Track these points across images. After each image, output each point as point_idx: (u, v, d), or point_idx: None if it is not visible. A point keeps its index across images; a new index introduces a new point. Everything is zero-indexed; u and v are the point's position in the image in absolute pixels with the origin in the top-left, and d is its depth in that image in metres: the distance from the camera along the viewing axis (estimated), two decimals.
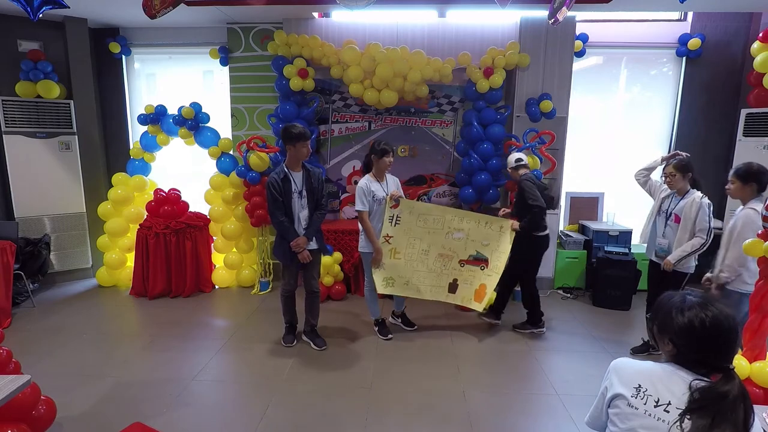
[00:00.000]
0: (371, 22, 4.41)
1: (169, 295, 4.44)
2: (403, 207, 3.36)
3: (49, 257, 4.52)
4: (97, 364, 3.10)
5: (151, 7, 2.64)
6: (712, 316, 1.10)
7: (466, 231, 3.45)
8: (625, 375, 1.18)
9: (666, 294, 1.24)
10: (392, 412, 2.58)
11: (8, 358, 2.17)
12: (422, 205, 3.52)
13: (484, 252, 3.46)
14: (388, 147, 3.30)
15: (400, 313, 3.75)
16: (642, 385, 1.13)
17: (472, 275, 3.49)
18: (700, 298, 1.15)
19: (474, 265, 3.48)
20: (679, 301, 1.17)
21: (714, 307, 1.12)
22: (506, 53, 4.21)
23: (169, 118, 4.47)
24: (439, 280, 3.51)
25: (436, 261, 3.48)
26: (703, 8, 4.40)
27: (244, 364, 3.15)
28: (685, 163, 3.02)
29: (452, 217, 3.44)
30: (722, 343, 1.10)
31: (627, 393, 1.15)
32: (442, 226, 3.44)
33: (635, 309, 4.22)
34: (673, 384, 1.11)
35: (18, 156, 4.41)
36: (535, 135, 4.11)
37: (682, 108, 4.73)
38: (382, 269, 3.39)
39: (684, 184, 3.03)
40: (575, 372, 3.08)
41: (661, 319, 1.19)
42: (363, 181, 3.31)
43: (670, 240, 3.07)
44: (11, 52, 4.41)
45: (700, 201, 2.92)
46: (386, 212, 3.33)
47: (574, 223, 4.94)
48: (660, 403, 1.09)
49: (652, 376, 1.14)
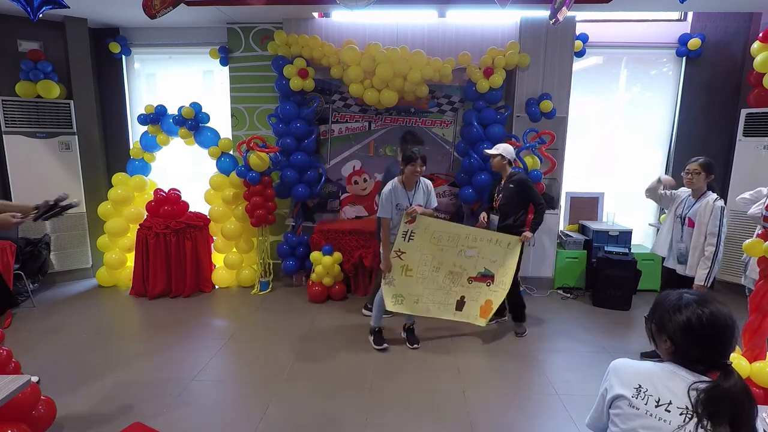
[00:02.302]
0: (371, 22, 4.41)
1: (169, 295, 4.44)
2: (418, 223, 3.24)
3: (49, 257, 4.52)
4: (97, 364, 3.10)
5: (151, 7, 2.64)
6: (710, 313, 1.10)
7: (479, 249, 3.37)
8: (625, 376, 1.19)
9: (663, 293, 1.24)
10: (392, 412, 2.58)
11: (8, 358, 2.17)
12: (438, 223, 3.36)
13: (491, 268, 3.39)
14: (417, 154, 3.03)
15: (408, 328, 3.51)
16: (642, 385, 1.14)
17: (478, 291, 3.42)
18: (697, 296, 1.15)
19: (480, 281, 3.41)
20: (676, 299, 1.17)
21: (711, 304, 1.12)
22: (506, 53, 4.21)
23: (169, 118, 4.47)
24: (447, 298, 3.42)
25: (446, 278, 3.40)
26: (703, 8, 4.40)
27: (244, 364, 3.15)
28: (710, 163, 2.90)
29: (467, 235, 3.35)
30: (720, 340, 1.11)
31: (628, 393, 1.15)
32: (455, 244, 3.35)
33: (635, 309, 4.22)
34: (673, 384, 1.11)
35: (18, 156, 4.41)
36: (535, 135, 4.10)
37: (682, 108, 4.73)
38: (392, 285, 3.29)
39: (702, 185, 2.92)
40: (575, 372, 3.08)
41: (659, 317, 1.20)
42: (388, 186, 3.16)
43: (687, 244, 2.97)
44: (11, 52, 4.41)
45: (713, 204, 2.82)
46: (401, 227, 3.20)
47: (574, 223, 4.94)
48: (661, 403, 1.09)
49: (652, 376, 1.14)
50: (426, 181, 3.31)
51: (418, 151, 3.07)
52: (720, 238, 2.79)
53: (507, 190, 3.46)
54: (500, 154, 3.47)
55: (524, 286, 4.58)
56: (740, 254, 3.00)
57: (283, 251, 4.59)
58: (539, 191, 4.19)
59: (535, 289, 4.65)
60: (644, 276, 4.31)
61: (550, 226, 4.63)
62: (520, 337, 3.59)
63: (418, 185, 3.23)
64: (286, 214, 4.80)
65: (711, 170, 2.90)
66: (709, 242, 2.82)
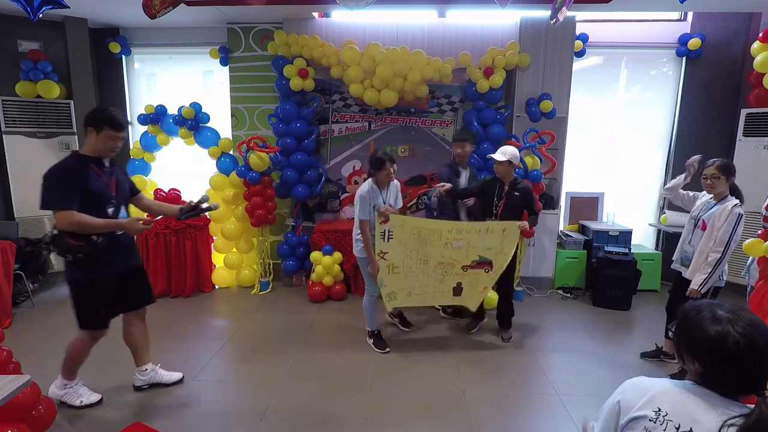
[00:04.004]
0: (371, 22, 4.41)
1: (169, 295, 4.44)
2: (393, 222, 3.21)
3: (49, 257, 4.52)
4: (97, 364, 3.09)
5: (151, 7, 2.64)
6: (746, 333, 0.97)
7: (466, 240, 3.29)
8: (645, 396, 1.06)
9: (692, 305, 1.11)
10: (392, 412, 2.58)
11: (8, 358, 2.17)
12: (413, 220, 3.37)
13: (488, 256, 3.32)
14: (385, 156, 3.12)
15: (398, 313, 3.70)
16: (662, 408, 1.02)
17: (477, 278, 3.38)
18: (731, 313, 1.02)
19: (477, 268, 3.35)
20: (709, 317, 1.03)
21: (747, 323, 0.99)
22: (506, 53, 4.21)
23: (169, 118, 4.47)
24: (443, 286, 3.40)
25: (436, 268, 3.36)
26: (703, 8, 4.40)
27: (244, 364, 3.15)
28: (728, 165, 2.75)
29: (449, 229, 3.29)
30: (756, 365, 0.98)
31: (645, 416, 1.04)
32: (439, 237, 3.30)
33: (635, 309, 4.22)
34: (697, 411, 0.99)
35: (18, 156, 4.41)
36: (535, 135, 4.10)
37: (682, 108, 4.73)
38: (383, 286, 3.29)
39: (724, 189, 2.76)
40: (575, 372, 3.08)
41: (688, 335, 1.07)
42: (364, 187, 3.14)
43: (695, 247, 2.85)
44: (11, 52, 4.41)
45: (731, 210, 2.67)
46: (377, 228, 3.15)
47: (574, 223, 4.94)
48: (681, 430, 0.99)
49: (673, 399, 1.03)
50: (396, 182, 3.36)
51: (385, 154, 3.15)
52: (729, 246, 2.66)
53: (512, 198, 3.32)
54: (509, 160, 3.23)
55: (524, 286, 4.59)
56: (742, 254, 2.94)
57: (283, 251, 4.60)
58: (539, 191, 4.21)
59: (535, 289, 4.65)
60: (644, 276, 4.31)
61: (550, 226, 4.63)
62: (506, 342, 3.51)
63: (389, 185, 3.26)
64: (286, 214, 4.80)
65: (729, 172, 2.75)
66: (715, 248, 2.69)
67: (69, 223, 2.21)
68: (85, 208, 2.25)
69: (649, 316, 4.05)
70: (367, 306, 3.37)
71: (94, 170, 2.33)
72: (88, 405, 2.55)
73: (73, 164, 2.29)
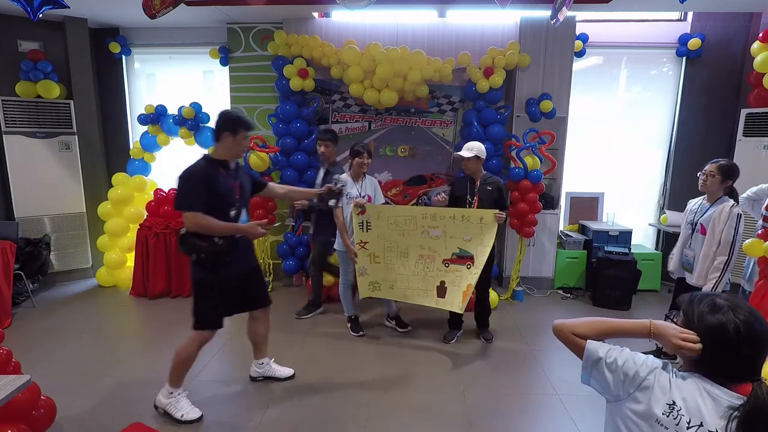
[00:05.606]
0: (371, 22, 4.41)
1: (170, 295, 4.44)
2: (370, 212, 3.27)
3: (49, 257, 4.51)
4: (97, 364, 3.10)
5: (151, 7, 2.64)
6: (746, 320, 1.00)
7: (442, 227, 3.21)
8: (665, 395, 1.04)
9: (693, 295, 1.12)
10: (392, 412, 2.58)
11: (8, 358, 2.17)
12: (389, 209, 3.44)
13: (468, 248, 3.19)
14: (363, 149, 3.33)
15: (394, 315, 3.69)
16: (676, 402, 1.02)
17: (459, 276, 3.22)
18: (729, 302, 1.04)
19: (459, 263, 3.22)
20: (709, 305, 1.06)
21: (748, 311, 1.01)
22: (506, 53, 4.21)
23: (169, 118, 4.47)
24: (426, 284, 3.32)
25: (417, 263, 3.32)
26: (703, 8, 4.40)
27: (244, 364, 3.14)
28: (729, 168, 2.70)
29: (423, 215, 3.25)
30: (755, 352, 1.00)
31: (658, 410, 1.03)
32: (415, 226, 3.25)
33: (635, 309, 4.22)
34: (704, 403, 1.00)
35: (18, 156, 4.40)
36: (535, 135, 4.10)
37: (682, 108, 4.73)
38: (366, 274, 3.35)
39: (717, 190, 2.74)
40: (576, 372, 3.06)
41: (689, 323, 1.08)
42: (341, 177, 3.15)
43: (696, 252, 2.83)
44: (11, 52, 4.41)
45: (730, 211, 2.64)
46: (354, 219, 3.27)
47: (574, 223, 4.94)
48: (692, 425, 0.98)
49: (685, 392, 1.03)
50: (373, 179, 3.55)
51: (363, 147, 3.35)
52: (734, 247, 2.64)
53: (484, 192, 3.28)
54: (476, 155, 3.20)
55: (524, 286, 4.59)
56: (742, 254, 2.93)
57: (283, 251, 4.60)
58: (540, 191, 4.21)
59: (535, 289, 4.64)
60: (644, 276, 4.31)
61: (550, 226, 4.63)
62: (489, 342, 3.47)
63: (365, 179, 3.46)
64: (286, 214, 4.80)
65: (728, 175, 2.69)
66: (721, 251, 2.66)
67: (195, 224, 2.29)
68: (209, 210, 2.30)
69: (649, 316, 3.98)
70: (341, 294, 3.58)
71: (222, 173, 2.38)
72: (188, 421, 2.44)
73: (203, 167, 2.34)
